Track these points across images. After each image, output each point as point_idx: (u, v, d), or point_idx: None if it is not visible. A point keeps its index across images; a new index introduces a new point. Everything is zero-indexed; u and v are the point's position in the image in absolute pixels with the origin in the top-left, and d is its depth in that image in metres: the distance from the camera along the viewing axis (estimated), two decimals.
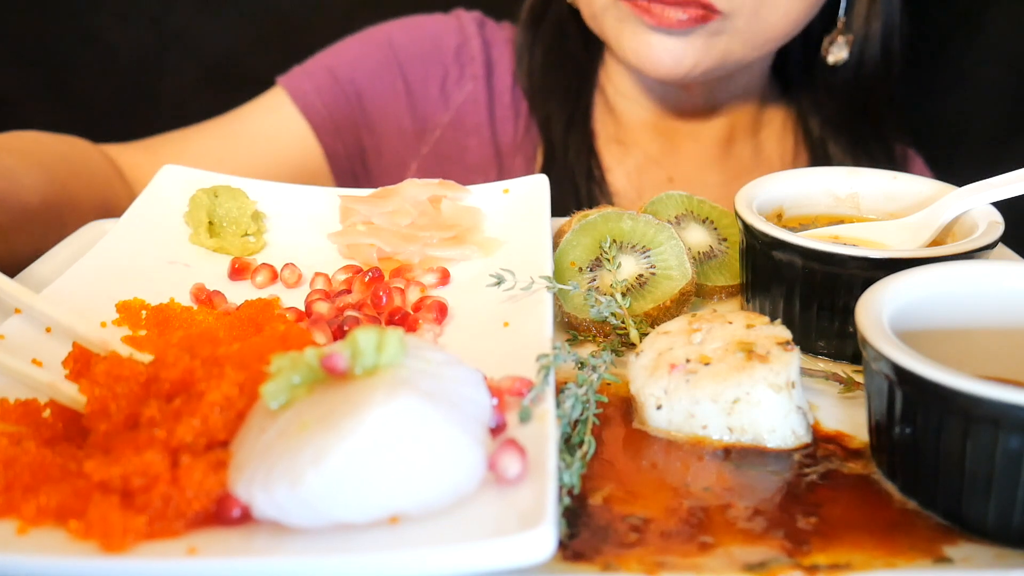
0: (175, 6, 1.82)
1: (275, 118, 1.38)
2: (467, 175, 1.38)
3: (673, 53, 1.16)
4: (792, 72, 1.43)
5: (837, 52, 1.33)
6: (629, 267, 0.84)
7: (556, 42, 1.39)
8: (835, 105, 1.38)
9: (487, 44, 1.43)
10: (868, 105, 1.38)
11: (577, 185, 1.34)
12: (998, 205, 0.83)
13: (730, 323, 0.74)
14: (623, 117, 1.40)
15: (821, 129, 1.40)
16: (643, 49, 1.18)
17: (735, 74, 1.31)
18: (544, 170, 1.37)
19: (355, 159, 1.42)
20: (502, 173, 1.40)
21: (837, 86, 1.37)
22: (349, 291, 0.85)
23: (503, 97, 1.42)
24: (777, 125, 1.44)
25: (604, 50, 1.40)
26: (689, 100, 1.36)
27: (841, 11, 1.32)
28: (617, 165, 1.39)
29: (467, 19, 1.45)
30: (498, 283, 0.79)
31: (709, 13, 1.13)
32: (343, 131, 1.39)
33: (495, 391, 0.65)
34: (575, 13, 1.32)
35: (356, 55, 1.41)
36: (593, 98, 1.42)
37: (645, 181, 1.39)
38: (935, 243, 0.85)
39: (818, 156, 1.40)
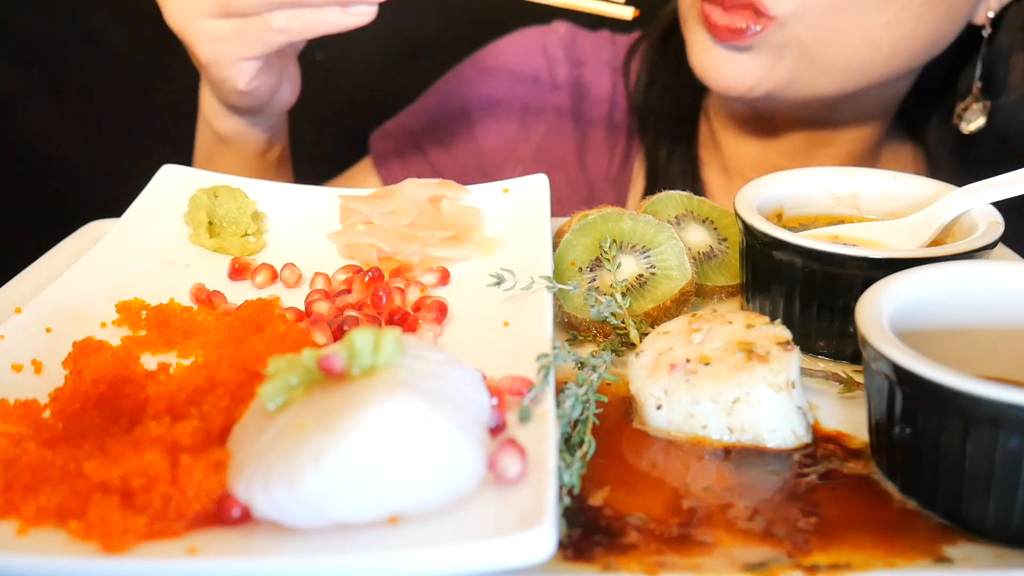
0: None
1: (363, 181, 1.40)
2: (555, 209, 1.33)
3: (738, 67, 1.11)
4: (921, 127, 1.26)
5: (972, 120, 1.13)
6: (629, 267, 0.84)
7: (677, 61, 1.24)
8: (977, 171, 1.15)
9: (578, 66, 1.34)
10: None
11: None
12: (998, 205, 0.83)
13: (730, 323, 0.74)
14: (725, 148, 1.32)
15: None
16: (708, 59, 1.13)
17: (843, 112, 1.19)
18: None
19: None
20: (593, 205, 1.35)
21: (977, 154, 1.17)
22: (349, 291, 0.85)
23: (596, 129, 1.34)
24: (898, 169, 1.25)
25: None
26: (790, 137, 1.26)
27: (976, 74, 1.15)
28: (722, 195, 1.32)
29: (553, 40, 1.35)
30: (498, 283, 0.79)
31: (761, 18, 1.06)
32: None
33: (495, 391, 0.65)
34: None
35: (432, 110, 1.37)
36: (699, 126, 1.34)
37: None
38: (935, 243, 0.84)
39: None
